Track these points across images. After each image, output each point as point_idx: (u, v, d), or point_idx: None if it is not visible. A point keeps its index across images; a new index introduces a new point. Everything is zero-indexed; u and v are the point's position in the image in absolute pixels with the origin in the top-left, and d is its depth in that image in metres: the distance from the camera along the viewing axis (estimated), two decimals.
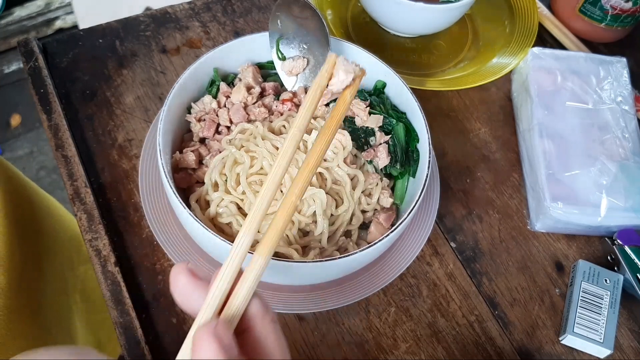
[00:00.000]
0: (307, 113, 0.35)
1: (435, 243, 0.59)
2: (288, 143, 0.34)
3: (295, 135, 0.35)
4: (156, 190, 0.56)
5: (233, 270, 0.32)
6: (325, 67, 0.36)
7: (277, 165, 0.34)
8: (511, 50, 0.72)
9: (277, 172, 0.34)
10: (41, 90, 0.61)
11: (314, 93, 0.36)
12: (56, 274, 0.69)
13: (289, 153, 0.34)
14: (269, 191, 0.34)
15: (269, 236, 0.33)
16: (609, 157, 0.61)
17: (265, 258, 0.33)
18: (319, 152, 0.35)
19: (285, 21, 0.58)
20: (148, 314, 0.52)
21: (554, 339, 0.55)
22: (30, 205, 0.70)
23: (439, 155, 0.64)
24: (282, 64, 0.59)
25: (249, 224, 0.33)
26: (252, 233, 0.33)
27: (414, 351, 0.53)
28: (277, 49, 0.59)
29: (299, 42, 0.59)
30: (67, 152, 0.57)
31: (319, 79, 0.36)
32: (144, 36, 0.69)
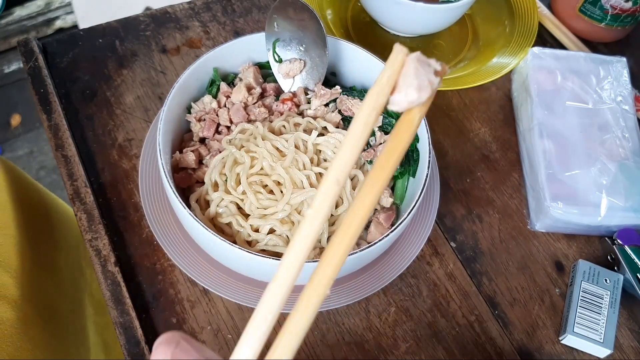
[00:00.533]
0: (350, 157, 0.23)
1: (435, 243, 0.59)
2: (319, 203, 0.24)
3: (330, 189, 0.24)
4: (156, 190, 0.56)
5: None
6: (386, 73, 0.24)
7: (300, 240, 0.24)
8: (511, 50, 0.72)
9: (300, 251, 0.24)
10: (41, 90, 0.61)
11: (365, 119, 0.23)
12: (68, 280, 0.69)
13: (320, 219, 0.24)
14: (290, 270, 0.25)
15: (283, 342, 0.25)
16: (609, 156, 0.61)
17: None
18: (365, 209, 0.24)
19: (282, 23, 0.58)
20: (148, 314, 0.52)
21: (554, 338, 0.55)
22: (44, 211, 0.69)
23: (439, 155, 0.64)
24: (278, 66, 0.59)
25: (254, 331, 0.25)
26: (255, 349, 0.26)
27: (414, 351, 0.53)
28: (274, 51, 0.59)
29: (296, 44, 0.59)
30: (67, 152, 0.57)
31: (374, 94, 0.24)
32: (144, 36, 0.69)
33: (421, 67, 0.24)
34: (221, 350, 0.51)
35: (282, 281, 0.25)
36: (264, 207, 0.51)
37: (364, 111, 0.24)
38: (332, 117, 0.57)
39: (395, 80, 0.24)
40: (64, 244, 0.70)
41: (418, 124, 0.25)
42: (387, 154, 0.24)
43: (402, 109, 0.25)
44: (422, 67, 0.24)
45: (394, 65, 0.24)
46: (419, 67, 0.24)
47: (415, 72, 0.24)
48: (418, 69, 0.24)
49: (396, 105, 0.24)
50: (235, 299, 0.52)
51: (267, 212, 0.50)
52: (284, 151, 0.53)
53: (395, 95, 0.24)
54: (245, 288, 0.52)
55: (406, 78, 0.24)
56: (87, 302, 0.72)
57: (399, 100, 0.24)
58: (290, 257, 0.24)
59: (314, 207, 0.24)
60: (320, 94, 0.57)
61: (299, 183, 0.51)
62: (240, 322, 0.52)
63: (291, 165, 0.52)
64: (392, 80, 0.24)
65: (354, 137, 0.23)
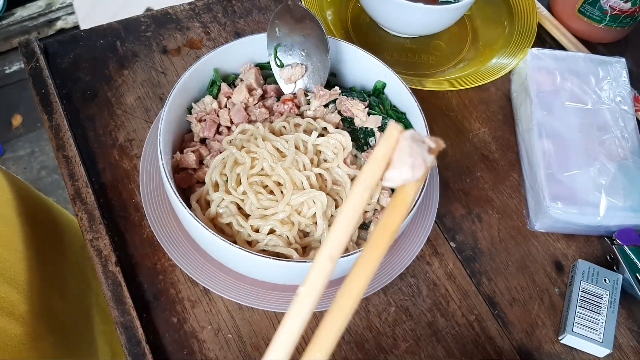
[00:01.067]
0: (345, 231, 0.23)
1: (435, 243, 0.59)
2: (313, 279, 0.23)
3: (323, 266, 0.23)
4: (157, 191, 0.56)
5: None
6: (380, 149, 0.24)
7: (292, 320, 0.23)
8: (510, 50, 0.72)
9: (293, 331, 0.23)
10: (42, 90, 0.61)
11: (358, 196, 0.23)
12: (75, 293, 0.68)
13: (310, 302, 0.23)
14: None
15: None
16: (608, 157, 0.62)
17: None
18: (359, 288, 0.23)
19: (283, 29, 0.58)
20: (148, 314, 0.52)
21: (554, 338, 0.55)
22: (49, 224, 0.69)
23: (438, 155, 0.64)
24: (280, 71, 0.60)
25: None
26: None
27: (413, 350, 0.53)
28: (276, 57, 0.59)
29: (298, 49, 0.59)
30: (68, 152, 0.58)
31: (368, 171, 0.24)
32: (145, 37, 0.69)
33: (415, 145, 0.24)
34: (221, 350, 0.51)
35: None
36: (265, 208, 0.51)
37: (359, 187, 0.24)
38: (332, 117, 0.57)
39: (389, 157, 0.24)
40: (70, 256, 0.70)
41: (413, 201, 0.25)
42: (381, 231, 0.24)
43: (395, 186, 0.25)
44: (417, 145, 0.24)
45: (389, 142, 0.24)
46: (414, 145, 0.24)
47: (410, 151, 0.23)
48: (412, 146, 0.24)
49: (390, 181, 0.24)
50: (236, 299, 0.52)
51: (268, 213, 0.51)
52: (284, 152, 0.53)
53: (390, 171, 0.24)
54: (245, 288, 0.52)
55: (400, 155, 0.24)
56: (94, 312, 0.71)
57: (393, 176, 0.24)
58: (282, 337, 0.24)
59: (307, 284, 0.23)
60: (319, 94, 0.58)
61: (299, 184, 0.52)
62: (240, 322, 0.52)
63: (291, 166, 0.52)
64: (386, 157, 0.24)
65: (348, 216, 0.23)
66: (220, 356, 0.51)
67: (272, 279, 0.52)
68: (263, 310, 0.53)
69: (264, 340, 0.52)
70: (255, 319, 0.52)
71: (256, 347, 0.51)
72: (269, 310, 0.53)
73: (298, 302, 0.23)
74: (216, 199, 0.51)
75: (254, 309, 0.53)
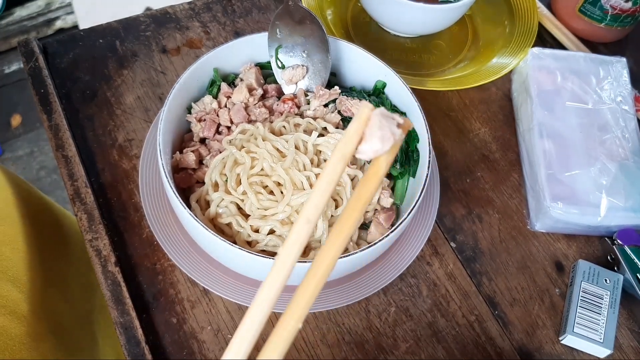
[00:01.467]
0: (321, 198, 0.26)
1: (435, 243, 0.59)
2: (291, 241, 0.26)
3: (302, 230, 0.26)
4: (156, 191, 0.56)
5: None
6: (353, 125, 0.26)
7: (270, 283, 0.26)
8: (511, 50, 0.72)
9: (272, 286, 0.26)
10: (41, 90, 0.61)
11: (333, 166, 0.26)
12: (77, 295, 0.68)
13: (289, 261, 0.25)
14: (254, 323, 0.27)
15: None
16: (608, 157, 0.61)
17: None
18: (333, 253, 0.26)
19: (284, 30, 0.58)
20: (148, 314, 0.52)
21: (554, 338, 0.55)
22: (52, 226, 0.68)
23: (439, 155, 0.64)
24: (282, 72, 0.59)
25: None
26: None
27: (414, 351, 0.53)
28: (277, 58, 0.59)
29: (299, 50, 0.59)
30: (67, 152, 0.58)
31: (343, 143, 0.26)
32: (144, 36, 0.69)
33: (385, 120, 0.26)
34: (221, 351, 0.51)
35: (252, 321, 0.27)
36: (265, 208, 0.51)
37: (334, 159, 0.26)
38: (332, 117, 0.57)
39: (361, 132, 0.26)
40: (73, 259, 0.70)
41: (385, 171, 0.27)
42: (354, 201, 0.26)
43: (368, 157, 0.27)
44: (386, 120, 0.26)
45: (361, 119, 0.27)
46: (383, 120, 0.26)
47: (379, 125, 0.26)
48: (382, 122, 0.26)
49: (363, 153, 0.27)
50: (236, 299, 0.52)
51: (267, 213, 0.50)
52: (284, 152, 0.53)
53: (362, 144, 0.27)
54: (245, 288, 0.52)
55: (371, 129, 0.26)
56: (98, 316, 0.71)
57: (365, 149, 0.27)
58: (263, 292, 0.26)
59: (286, 246, 0.25)
60: (319, 94, 0.57)
61: (299, 184, 0.51)
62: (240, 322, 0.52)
63: (291, 166, 0.52)
64: (358, 131, 0.26)
65: (324, 183, 0.26)
66: (220, 357, 0.50)
67: None
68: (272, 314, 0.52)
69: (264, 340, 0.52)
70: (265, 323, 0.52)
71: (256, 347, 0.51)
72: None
73: (278, 262, 0.25)
74: (216, 199, 0.51)
75: None
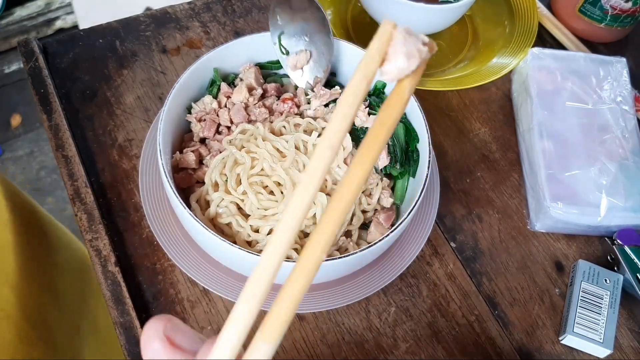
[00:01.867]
0: (342, 124, 0.23)
1: (435, 243, 0.59)
2: (313, 168, 0.23)
3: (324, 154, 0.23)
4: (156, 190, 0.56)
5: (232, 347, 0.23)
6: (375, 44, 0.24)
7: (292, 209, 0.23)
8: (511, 50, 0.72)
9: (293, 215, 0.23)
10: (41, 90, 0.61)
11: (355, 87, 0.24)
12: (69, 305, 0.68)
13: (314, 184, 0.23)
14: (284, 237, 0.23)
15: (278, 318, 0.24)
16: (608, 157, 0.61)
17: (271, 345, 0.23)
18: (357, 180, 0.23)
19: (284, 16, 0.58)
20: (148, 314, 0.52)
21: (554, 338, 0.55)
22: (45, 236, 0.69)
23: (439, 155, 0.64)
24: (286, 58, 0.59)
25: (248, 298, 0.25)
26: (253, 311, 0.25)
27: (414, 351, 0.53)
28: (280, 45, 0.59)
29: (300, 35, 0.59)
30: (67, 152, 0.58)
31: (364, 63, 0.24)
32: (144, 36, 0.69)
33: (409, 37, 0.24)
34: None
35: (273, 250, 0.24)
36: (265, 208, 0.51)
37: (355, 80, 0.24)
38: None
39: (384, 52, 0.24)
40: (66, 267, 0.69)
41: (409, 96, 0.25)
42: (379, 125, 0.24)
43: (392, 79, 0.25)
44: (411, 37, 0.24)
45: (383, 37, 0.24)
46: (408, 37, 0.24)
47: (404, 41, 0.24)
48: (407, 38, 0.24)
49: (387, 74, 0.24)
50: (236, 299, 0.52)
51: (268, 213, 0.50)
52: (284, 152, 0.53)
53: (385, 65, 0.24)
54: None
55: (395, 47, 0.24)
56: (87, 329, 0.71)
57: (389, 69, 0.24)
58: (286, 218, 0.23)
59: (308, 172, 0.23)
60: (320, 94, 0.57)
61: None
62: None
63: (291, 167, 0.52)
64: (381, 50, 0.24)
65: (346, 105, 0.23)
66: None
67: None
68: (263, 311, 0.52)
69: None
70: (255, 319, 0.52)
71: None
72: (269, 311, 0.52)
73: (301, 188, 0.23)
74: (216, 198, 0.51)
75: None
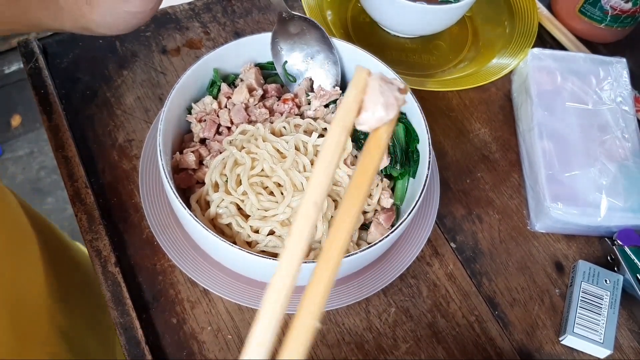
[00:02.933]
0: (324, 179, 0.23)
1: (435, 243, 0.59)
2: (298, 229, 0.23)
3: (310, 211, 0.23)
4: (156, 191, 0.56)
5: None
6: (351, 93, 0.24)
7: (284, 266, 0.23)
8: (511, 50, 0.72)
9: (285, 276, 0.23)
10: (41, 90, 0.61)
11: (335, 140, 0.23)
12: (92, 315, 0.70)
13: (301, 247, 0.23)
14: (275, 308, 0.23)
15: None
16: (608, 157, 0.61)
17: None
18: (344, 236, 0.23)
19: (285, 45, 0.58)
20: (148, 314, 0.52)
21: (554, 339, 0.55)
22: (73, 264, 0.71)
23: (439, 155, 0.64)
24: (295, 86, 0.60)
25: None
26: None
27: (414, 351, 0.53)
28: (286, 75, 0.59)
29: (304, 59, 0.59)
30: (67, 152, 0.58)
31: (342, 113, 0.23)
32: (144, 37, 0.69)
33: (385, 85, 0.24)
34: (221, 351, 0.51)
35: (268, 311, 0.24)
36: (265, 209, 0.51)
37: (333, 132, 0.23)
38: (332, 118, 0.57)
39: (360, 100, 0.24)
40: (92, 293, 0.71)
41: (386, 143, 0.25)
42: (360, 174, 0.24)
43: (370, 128, 0.24)
44: (387, 85, 0.24)
45: (359, 85, 0.24)
46: (384, 86, 0.24)
47: (381, 90, 0.23)
48: (383, 87, 0.24)
49: (364, 124, 0.24)
50: (236, 300, 0.52)
51: (268, 214, 0.50)
52: (284, 153, 0.53)
53: (363, 114, 0.24)
54: (245, 288, 0.52)
55: (372, 96, 0.24)
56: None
57: (367, 119, 0.24)
58: (276, 280, 0.24)
59: (293, 233, 0.23)
60: (320, 94, 0.57)
61: (299, 185, 0.51)
62: (240, 323, 0.52)
63: (291, 168, 0.52)
64: (358, 99, 0.24)
65: (326, 160, 0.23)
66: (220, 357, 0.50)
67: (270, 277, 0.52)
68: None
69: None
70: None
71: None
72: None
73: (287, 251, 0.23)
74: (216, 199, 0.51)
75: (254, 309, 0.53)
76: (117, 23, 0.46)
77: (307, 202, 0.23)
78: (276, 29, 0.57)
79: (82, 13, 0.45)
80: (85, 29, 0.47)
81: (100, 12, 0.45)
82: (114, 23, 0.46)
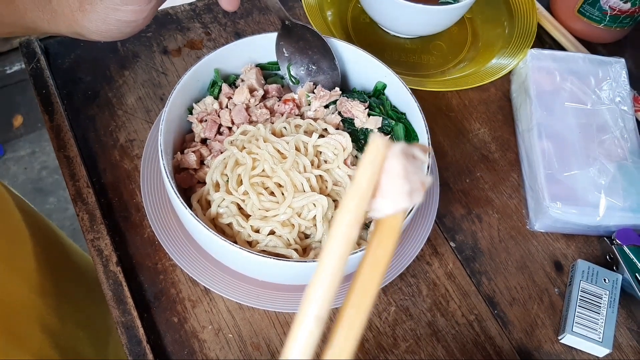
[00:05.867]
0: (328, 293, 0.19)
1: (435, 243, 0.59)
2: (302, 346, 0.21)
3: (311, 328, 0.20)
4: (158, 191, 0.56)
5: None
6: (365, 171, 0.18)
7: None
8: (510, 51, 0.73)
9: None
10: (43, 91, 0.61)
11: (344, 236, 0.19)
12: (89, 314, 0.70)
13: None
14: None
15: None
16: (607, 157, 0.62)
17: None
18: (348, 348, 0.20)
19: (289, 48, 0.59)
20: (149, 314, 0.52)
21: (553, 338, 0.55)
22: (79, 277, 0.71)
23: (438, 155, 0.64)
24: (298, 89, 0.61)
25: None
26: None
27: (413, 350, 0.53)
28: (290, 76, 0.60)
29: (307, 63, 0.60)
30: (69, 152, 0.58)
31: (354, 202, 0.18)
32: (145, 37, 0.69)
33: (409, 163, 0.18)
34: (222, 350, 0.51)
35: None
36: (266, 209, 0.51)
37: (343, 224, 0.18)
38: (332, 118, 0.58)
39: (374, 183, 0.18)
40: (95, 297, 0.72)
41: (400, 228, 0.19)
42: (370, 269, 0.19)
43: (385, 216, 0.19)
44: (410, 163, 0.18)
45: (375, 163, 0.17)
46: (407, 165, 0.18)
47: (405, 173, 0.18)
48: (407, 167, 0.18)
49: (379, 211, 0.18)
50: (236, 299, 0.52)
51: (268, 214, 0.51)
52: (284, 153, 0.53)
53: (379, 201, 0.18)
54: (246, 287, 0.52)
55: (395, 182, 0.18)
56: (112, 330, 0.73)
57: (385, 207, 0.18)
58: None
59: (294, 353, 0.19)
60: (320, 95, 0.58)
61: (299, 186, 0.52)
62: (241, 322, 0.52)
63: (292, 168, 0.52)
64: (373, 181, 0.18)
65: (330, 272, 0.19)
66: (221, 356, 0.51)
67: (272, 278, 0.52)
68: (264, 310, 0.53)
69: (265, 340, 0.52)
70: (256, 318, 0.53)
71: (257, 346, 0.52)
72: (269, 310, 0.53)
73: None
74: (217, 199, 0.51)
75: (255, 308, 0.53)
76: (110, 30, 0.46)
77: (309, 316, 0.20)
78: (280, 33, 0.58)
79: (74, 19, 0.45)
80: (79, 35, 0.48)
81: (92, 19, 0.45)
82: (106, 31, 0.46)
